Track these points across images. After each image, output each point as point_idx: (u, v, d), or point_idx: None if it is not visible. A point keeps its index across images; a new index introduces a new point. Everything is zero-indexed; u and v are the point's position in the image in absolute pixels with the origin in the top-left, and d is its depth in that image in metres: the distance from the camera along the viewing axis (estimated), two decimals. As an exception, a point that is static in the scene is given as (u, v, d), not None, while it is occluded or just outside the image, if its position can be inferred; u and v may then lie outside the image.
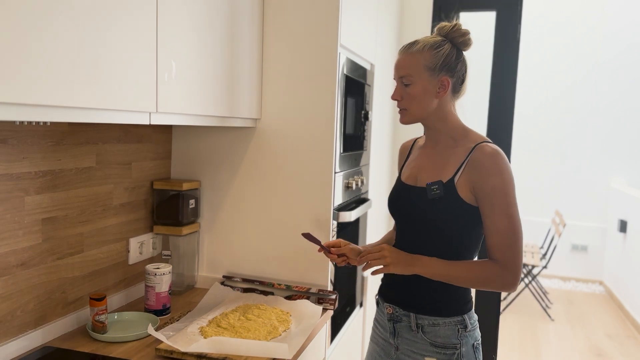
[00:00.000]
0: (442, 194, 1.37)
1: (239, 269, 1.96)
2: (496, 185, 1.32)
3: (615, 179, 5.93)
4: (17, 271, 1.35)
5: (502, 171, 1.33)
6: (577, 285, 5.86)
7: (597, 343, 4.24)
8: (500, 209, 1.33)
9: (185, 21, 1.39)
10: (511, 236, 1.33)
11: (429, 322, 1.41)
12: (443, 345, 1.40)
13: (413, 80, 1.38)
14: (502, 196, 1.32)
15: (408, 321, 1.44)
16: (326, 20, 1.79)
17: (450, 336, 1.40)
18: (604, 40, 5.83)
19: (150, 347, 1.42)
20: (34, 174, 1.38)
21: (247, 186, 1.93)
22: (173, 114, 1.37)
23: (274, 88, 1.86)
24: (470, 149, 1.38)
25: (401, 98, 1.41)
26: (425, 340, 1.41)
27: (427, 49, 1.38)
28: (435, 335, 1.41)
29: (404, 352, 1.46)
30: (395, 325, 1.47)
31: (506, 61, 2.81)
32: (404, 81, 1.39)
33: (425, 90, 1.39)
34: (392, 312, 1.48)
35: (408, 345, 1.45)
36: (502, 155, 1.35)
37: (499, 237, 1.33)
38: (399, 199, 1.51)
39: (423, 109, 1.41)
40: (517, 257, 1.33)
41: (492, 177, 1.32)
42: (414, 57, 1.38)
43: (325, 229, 1.85)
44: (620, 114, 5.87)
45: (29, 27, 0.91)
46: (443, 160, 1.42)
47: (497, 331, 3.01)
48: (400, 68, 1.40)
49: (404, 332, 1.46)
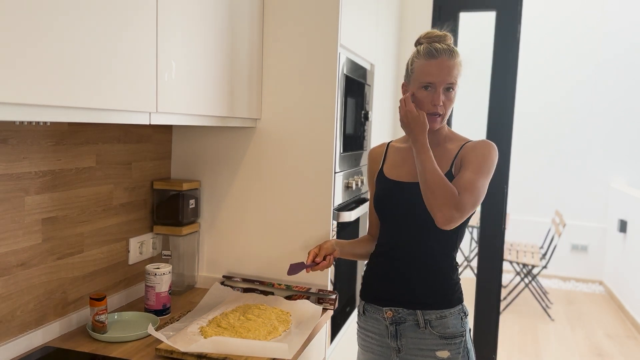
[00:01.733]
0: None
1: (239, 269, 1.96)
2: (478, 154, 1.42)
3: (615, 179, 5.93)
4: (17, 271, 1.35)
5: (488, 151, 1.42)
6: (577, 285, 5.86)
7: (597, 343, 4.24)
8: (474, 167, 1.40)
9: (185, 21, 1.39)
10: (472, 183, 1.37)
11: (436, 316, 1.45)
12: (452, 335, 1.45)
13: (455, 88, 1.46)
14: (480, 159, 1.41)
15: (414, 319, 1.46)
16: (326, 20, 1.79)
17: (456, 325, 1.46)
18: (604, 41, 5.83)
19: (150, 347, 1.42)
20: (34, 174, 1.38)
21: (247, 186, 1.93)
22: (173, 114, 1.37)
23: (274, 88, 1.86)
24: (463, 144, 1.48)
25: (443, 104, 1.45)
26: (434, 335, 1.45)
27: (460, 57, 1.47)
28: (444, 327, 1.45)
29: (410, 352, 1.47)
30: (397, 327, 1.48)
31: (506, 61, 2.81)
32: (451, 87, 1.45)
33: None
34: (394, 315, 1.48)
35: (414, 344, 1.46)
36: (494, 145, 1.45)
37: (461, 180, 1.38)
38: (391, 197, 1.52)
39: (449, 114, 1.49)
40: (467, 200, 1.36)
41: (477, 150, 1.43)
42: (458, 67, 1.45)
43: (325, 229, 1.85)
44: (620, 114, 5.86)
45: (29, 27, 0.91)
46: (437, 156, 1.48)
47: (497, 331, 3.01)
48: (450, 75, 1.44)
49: (408, 332, 1.47)
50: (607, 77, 5.86)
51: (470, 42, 4.51)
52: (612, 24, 5.79)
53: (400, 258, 1.49)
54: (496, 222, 2.89)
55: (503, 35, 2.81)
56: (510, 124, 2.85)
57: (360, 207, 2.10)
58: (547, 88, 6.00)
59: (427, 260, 1.47)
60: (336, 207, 1.93)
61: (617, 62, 5.82)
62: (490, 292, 2.96)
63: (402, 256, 1.49)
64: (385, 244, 1.54)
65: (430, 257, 1.47)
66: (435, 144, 1.50)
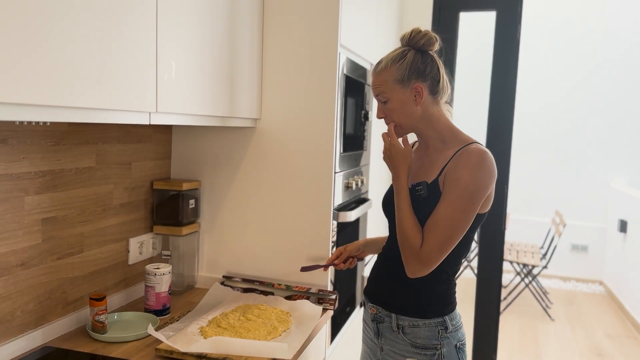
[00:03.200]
0: (426, 194, 1.38)
1: (239, 269, 1.96)
2: (461, 177, 1.32)
3: (615, 179, 5.93)
4: (17, 271, 1.35)
5: (474, 168, 1.32)
6: (577, 285, 5.86)
7: (597, 343, 4.24)
8: (450, 198, 1.32)
9: (185, 21, 1.39)
10: (441, 225, 1.30)
11: (409, 323, 1.43)
12: (423, 346, 1.41)
13: (388, 97, 1.42)
14: (459, 189, 1.31)
15: (390, 322, 1.46)
16: (326, 20, 1.79)
17: (430, 337, 1.41)
18: (604, 41, 5.83)
19: (150, 347, 1.42)
20: (34, 174, 1.38)
21: (247, 186, 1.93)
22: (173, 114, 1.37)
23: (274, 88, 1.86)
24: (457, 150, 1.39)
25: (385, 115, 1.46)
26: (405, 341, 1.43)
27: (390, 64, 1.41)
28: (416, 336, 1.42)
29: (387, 353, 1.48)
30: (378, 326, 1.50)
31: (506, 61, 2.81)
32: (381, 99, 1.44)
33: (402, 102, 1.41)
34: (376, 313, 1.50)
35: (390, 346, 1.47)
36: (485, 156, 1.34)
37: (432, 219, 1.33)
38: (389, 200, 1.52)
39: (408, 119, 1.42)
40: (432, 248, 1.31)
41: (461, 170, 1.32)
42: (382, 76, 1.42)
43: (325, 229, 1.85)
44: (620, 114, 5.86)
45: (29, 28, 0.91)
46: (431, 162, 1.44)
47: (497, 331, 3.01)
48: (374, 88, 1.45)
49: (386, 333, 1.47)
50: (607, 77, 5.85)
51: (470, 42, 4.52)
52: (612, 24, 5.79)
53: (391, 259, 1.48)
54: (496, 222, 2.89)
55: (503, 35, 2.81)
56: (511, 123, 2.85)
57: (360, 207, 2.10)
58: (547, 88, 6.00)
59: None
60: (336, 207, 1.93)
61: (617, 62, 5.82)
62: (490, 292, 2.96)
63: (393, 258, 1.47)
64: (386, 244, 1.55)
65: None
66: (434, 148, 1.46)
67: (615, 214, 5.59)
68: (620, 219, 5.37)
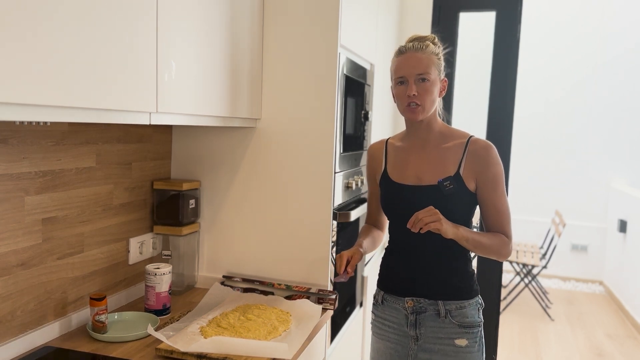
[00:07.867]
0: (456, 187, 1.50)
1: (239, 269, 1.96)
2: (497, 172, 1.52)
3: (615, 179, 5.93)
4: (17, 271, 1.35)
5: (499, 161, 1.54)
6: (577, 285, 5.86)
7: (597, 343, 4.24)
8: (501, 192, 1.53)
9: (186, 21, 1.39)
10: (508, 214, 1.55)
11: (456, 306, 1.54)
12: (470, 324, 1.54)
13: (430, 78, 1.49)
14: (501, 182, 1.53)
15: (435, 309, 1.54)
16: (326, 21, 1.79)
17: (474, 315, 1.55)
18: (605, 41, 5.83)
19: (150, 347, 1.42)
20: (34, 174, 1.38)
21: (247, 186, 1.93)
22: (173, 114, 1.37)
23: (274, 88, 1.86)
24: (465, 143, 1.54)
25: (417, 93, 1.50)
26: (453, 324, 1.53)
27: (436, 51, 1.52)
28: (463, 316, 1.53)
29: (428, 341, 1.55)
30: (417, 317, 1.55)
31: (506, 61, 2.81)
32: (424, 76, 1.49)
33: (436, 89, 1.52)
34: (414, 305, 1.56)
35: (434, 333, 1.54)
36: (494, 147, 1.55)
37: (501, 215, 1.54)
38: (401, 200, 1.57)
39: (432, 106, 1.53)
40: (510, 232, 1.56)
41: (493, 167, 1.52)
42: (429, 57, 1.50)
43: (325, 229, 1.85)
44: (620, 114, 5.86)
45: (29, 28, 0.91)
46: (440, 157, 1.55)
47: (497, 331, 3.01)
48: (419, 65, 1.49)
49: (428, 321, 1.55)
50: (607, 78, 5.85)
51: (470, 43, 4.53)
52: (613, 25, 5.79)
53: (417, 253, 1.56)
54: (496, 222, 2.89)
55: (503, 36, 2.81)
56: (510, 124, 2.85)
57: (360, 207, 2.10)
58: (547, 88, 6.00)
59: (442, 254, 1.55)
60: (336, 207, 1.93)
61: (617, 63, 5.82)
62: (490, 292, 2.96)
63: (418, 251, 1.56)
64: (400, 241, 1.61)
65: (445, 252, 1.54)
66: (434, 145, 1.56)
67: (615, 214, 5.59)
68: (620, 219, 5.37)
